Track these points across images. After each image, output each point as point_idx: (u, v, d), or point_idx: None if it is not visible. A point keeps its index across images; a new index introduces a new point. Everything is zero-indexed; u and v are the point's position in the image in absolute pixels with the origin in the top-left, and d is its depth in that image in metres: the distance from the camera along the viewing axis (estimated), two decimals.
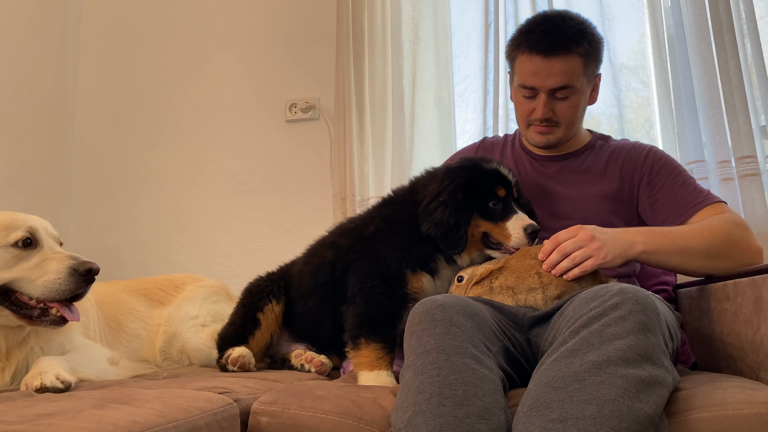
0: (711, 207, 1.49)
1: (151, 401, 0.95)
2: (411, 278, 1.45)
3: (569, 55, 1.51)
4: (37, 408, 0.88)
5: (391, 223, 1.51)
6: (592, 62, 1.58)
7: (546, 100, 1.55)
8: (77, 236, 2.82)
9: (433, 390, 0.97)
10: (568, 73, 1.52)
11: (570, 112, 1.58)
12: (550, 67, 1.52)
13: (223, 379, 1.35)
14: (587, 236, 1.31)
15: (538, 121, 1.59)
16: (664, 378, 0.92)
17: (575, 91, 1.55)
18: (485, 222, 1.46)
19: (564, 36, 1.51)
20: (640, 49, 2.35)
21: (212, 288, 1.91)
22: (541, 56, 1.52)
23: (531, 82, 1.55)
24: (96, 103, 2.90)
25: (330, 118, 2.61)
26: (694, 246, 1.36)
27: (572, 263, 1.29)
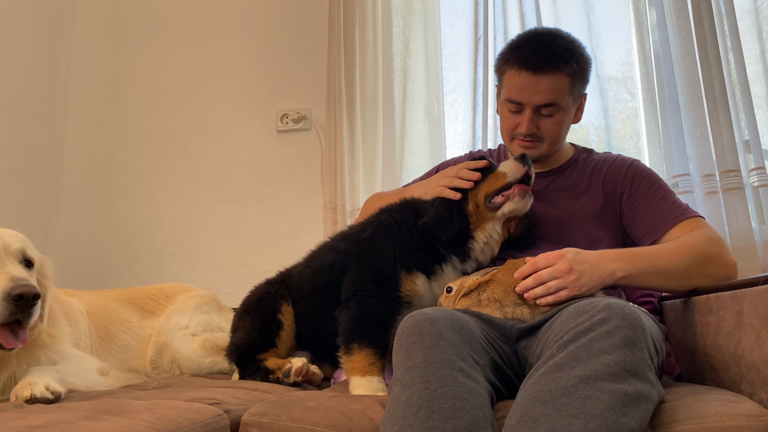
0: (689, 221, 1.52)
1: (142, 413, 0.96)
2: (405, 280, 1.46)
3: (557, 73, 1.54)
4: (28, 419, 0.88)
5: (389, 226, 1.54)
6: (579, 82, 1.61)
7: (531, 116, 1.58)
8: (67, 245, 2.82)
9: (421, 403, 0.98)
10: (555, 91, 1.55)
11: (554, 128, 1.61)
12: (537, 83, 1.54)
13: (213, 389, 1.36)
14: (565, 268, 1.31)
15: (522, 135, 1.62)
16: (650, 393, 0.94)
17: (560, 109, 1.58)
18: (477, 188, 1.53)
19: (553, 54, 1.54)
20: (629, 62, 2.40)
21: (203, 298, 1.91)
22: (530, 72, 1.54)
23: (518, 97, 1.58)
24: (87, 112, 2.90)
25: (321, 128, 2.63)
26: (672, 267, 1.39)
27: (546, 291, 1.31)
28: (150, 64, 2.87)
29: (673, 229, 1.51)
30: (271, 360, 1.58)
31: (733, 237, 2.03)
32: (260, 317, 1.63)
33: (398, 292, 1.46)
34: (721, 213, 2.07)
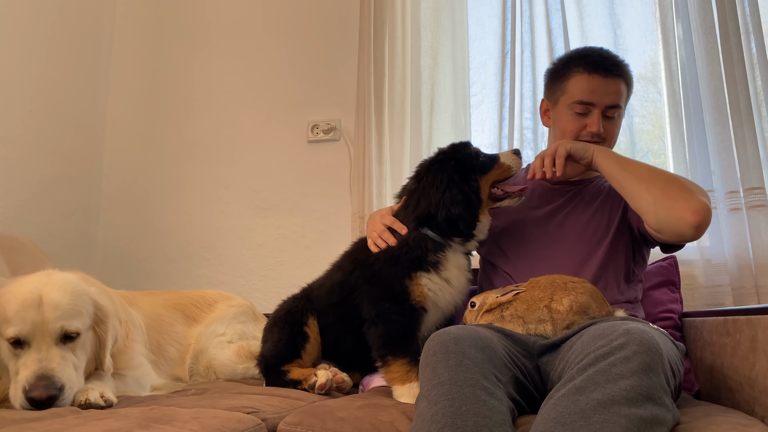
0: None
1: (189, 422, 1.04)
2: (411, 287, 1.55)
3: (620, 79, 1.70)
4: (89, 426, 0.97)
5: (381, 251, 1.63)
6: (629, 93, 1.75)
7: (598, 116, 1.69)
8: (105, 248, 2.94)
9: (446, 420, 1.04)
10: (620, 94, 1.70)
11: (615, 131, 1.74)
12: (607, 85, 1.68)
13: (250, 396, 1.44)
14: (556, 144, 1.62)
15: (590, 135, 1.70)
16: (665, 417, 1.00)
17: (621, 112, 1.73)
18: (488, 174, 1.65)
19: (616, 61, 1.71)
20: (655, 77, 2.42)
21: (241, 308, 2.00)
22: (601, 74, 1.68)
23: (589, 98, 1.69)
24: (125, 121, 3.02)
25: (350, 139, 2.70)
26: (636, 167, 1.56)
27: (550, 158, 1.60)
28: (185, 75, 2.98)
29: None
30: (294, 371, 1.66)
31: (756, 254, 2.05)
32: (288, 329, 1.71)
33: (410, 301, 1.55)
34: (744, 230, 2.09)
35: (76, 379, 1.28)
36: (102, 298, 1.43)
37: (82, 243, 2.87)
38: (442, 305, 1.61)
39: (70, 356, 1.29)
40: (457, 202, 1.57)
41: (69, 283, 1.37)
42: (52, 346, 1.27)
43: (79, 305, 1.34)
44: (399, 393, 1.47)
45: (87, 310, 1.37)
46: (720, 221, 2.13)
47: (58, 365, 1.25)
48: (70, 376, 1.26)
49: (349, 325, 1.67)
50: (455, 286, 1.61)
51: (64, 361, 1.27)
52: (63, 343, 1.30)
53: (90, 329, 1.38)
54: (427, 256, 1.57)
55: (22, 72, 2.56)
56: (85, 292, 1.39)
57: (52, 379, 1.22)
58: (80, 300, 1.35)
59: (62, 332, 1.30)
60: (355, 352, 1.70)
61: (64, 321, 1.30)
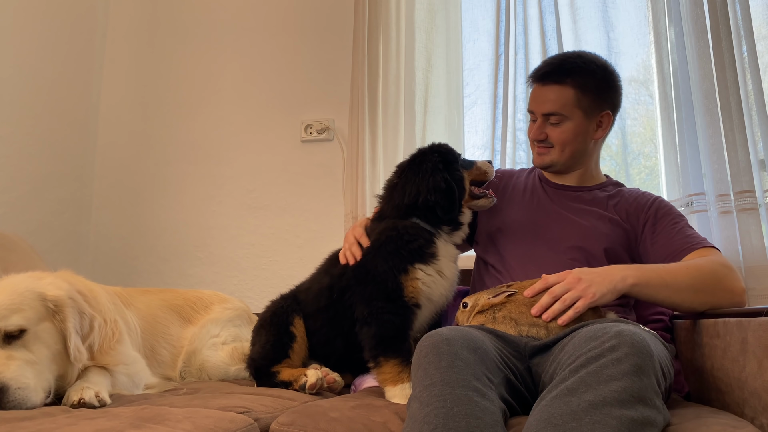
0: (703, 250, 1.59)
1: (181, 421, 1.04)
2: (406, 282, 1.56)
3: (561, 85, 1.69)
4: (81, 426, 0.97)
5: (370, 246, 1.64)
6: (588, 97, 1.70)
7: (540, 124, 1.74)
8: (97, 246, 2.93)
9: (437, 421, 1.05)
10: (558, 102, 1.69)
11: (561, 137, 1.73)
12: (543, 94, 1.72)
13: (242, 396, 1.44)
14: (575, 279, 1.39)
15: (535, 141, 1.77)
16: (655, 418, 1.00)
17: (565, 119, 1.71)
18: (469, 171, 1.72)
19: (559, 69, 1.71)
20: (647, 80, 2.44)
21: (237, 311, 1.99)
22: (538, 84, 1.74)
23: (531, 107, 1.77)
24: (118, 120, 3.01)
25: (344, 139, 2.71)
26: (680, 281, 1.46)
27: (564, 306, 1.37)
28: (179, 74, 2.97)
29: (689, 255, 1.58)
30: (285, 372, 1.66)
31: (746, 257, 2.07)
32: (274, 330, 1.71)
33: (404, 298, 1.55)
34: (734, 232, 2.10)
35: (32, 377, 1.25)
36: (52, 289, 1.39)
37: (74, 241, 2.86)
38: (435, 298, 1.62)
39: (21, 353, 1.26)
40: (439, 189, 1.61)
41: (10, 284, 1.36)
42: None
43: (17, 302, 1.31)
44: (391, 394, 1.47)
45: (30, 305, 1.33)
46: (711, 224, 2.15)
47: (1, 365, 1.22)
48: (20, 375, 1.23)
49: (339, 327, 1.67)
50: (447, 277, 1.63)
51: (9, 360, 1.24)
52: (8, 343, 1.27)
53: (44, 322, 1.34)
54: (424, 246, 1.59)
55: (14, 69, 2.54)
56: (27, 288, 1.36)
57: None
58: (19, 297, 1.32)
59: (1, 333, 1.27)
60: (346, 354, 1.70)
61: (4, 323, 1.27)
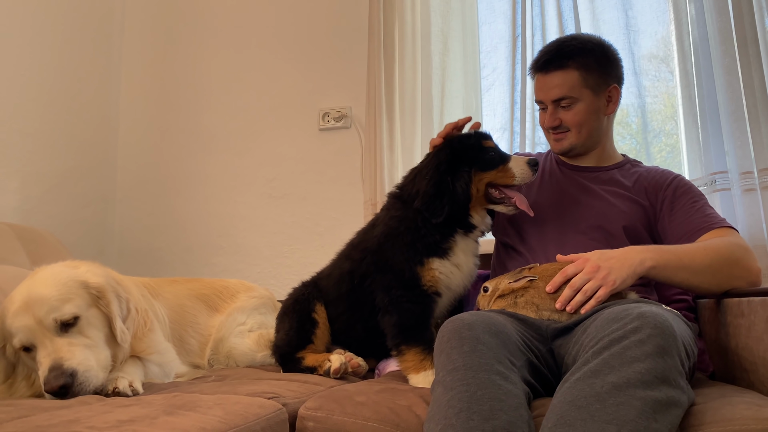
0: (720, 230, 1.58)
1: (212, 408, 1.07)
2: (422, 273, 1.56)
3: (565, 69, 1.70)
4: (116, 414, 1.00)
5: (390, 233, 1.63)
6: (593, 75, 1.71)
7: (552, 111, 1.74)
8: (122, 238, 2.99)
9: (462, 405, 1.06)
10: (565, 86, 1.70)
11: (575, 118, 1.73)
12: (548, 82, 1.72)
13: (269, 382, 1.47)
14: (593, 267, 1.38)
15: (550, 129, 1.77)
16: (680, 399, 1.01)
17: (576, 100, 1.71)
18: (486, 173, 1.59)
19: (559, 54, 1.71)
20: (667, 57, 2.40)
21: (262, 299, 2.03)
22: (541, 74, 1.74)
23: (538, 97, 1.77)
24: (138, 113, 3.05)
25: (361, 126, 2.71)
26: (698, 262, 1.45)
27: (585, 297, 1.37)
28: (197, 66, 3.00)
29: (706, 234, 1.57)
30: (309, 357, 1.70)
31: None
32: (297, 317, 1.74)
33: (422, 287, 1.56)
34: (759, 210, 2.08)
35: (94, 359, 1.30)
36: (91, 276, 1.42)
37: (99, 233, 2.92)
38: (454, 287, 1.63)
39: (79, 339, 1.31)
40: (426, 194, 1.57)
41: (51, 275, 1.39)
42: (54, 338, 1.29)
43: (65, 293, 1.35)
44: (414, 381, 1.49)
45: (77, 293, 1.37)
46: (734, 202, 2.12)
47: (67, 352, 1.27)
48: (84, 359, 1.27)
49: (361, 312, 1.69)
50: (465, 270, 1.63)
51: (72, 347, 1.28)
52: (65, 331, 1.31)
53: (92, 308, 1.38)
54: (440, 241, 1.58)
55: (36, 67, 2.59)
56: (70, 278, 1.39)
57: (62, 367, 1.24)
58: (65, 287, 1.36)
59: (57, 323, 1.31)
60: (368, 339, 1.72)
61: (55, 313, 1.31)
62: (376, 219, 1.77)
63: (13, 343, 1.32)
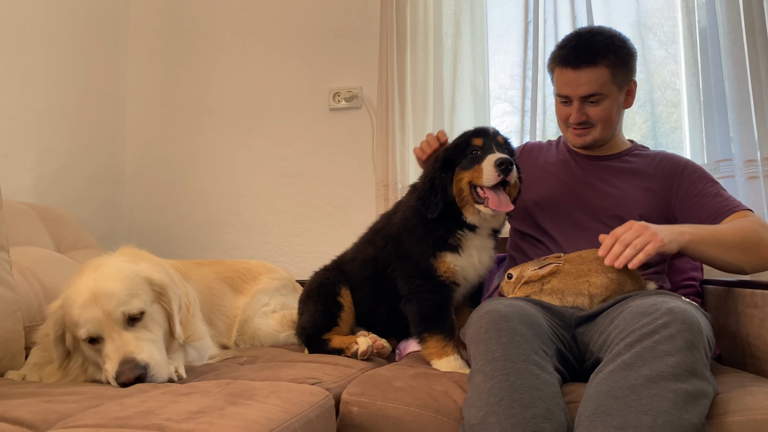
0: (740, 213, 1.67)
1: (269, 396, 1.14)
2: (437, 265, 1.61)
3: (596, 66, 1.71)
4: (183, 403, 1.06)
5: (407, 223, 1.69)
6: (621, 72, 1.75)
7: (579, 106, 1.75)
8: (132, 215, 3.01)
9: (503, 393, 1.14)
10: (596, 83, 1.72)
11: (602, 114, 1.76)
12: (578, 78, 1.72)
13: (304, 365, 1.53)
14: (642, 226, 1.47)
15: (574, 124, 1.79)
16: (707, 389, 1.10)
17: (605, 97, 1.74)
18: (465, 172, 1.58)
19: (590, 50, 1.71)
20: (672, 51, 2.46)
21: (283, 281, 2.09)
22: (571, 69, 1.73)
23: (564, 92, 1.77)
24: (147, 90, 3.03)
25: (372, 107, 2.74)
26: (729, 239, 1.55)
27: (635, 250, 1.43)
28: (207, 44, 2.98)
29: (729, 217, 1.66)
30: (335, 339, 1.76)
31: None
32: (322, 301, 1.80)
33: (439, 278, 1.61)
34: (761, 198, 2.17)
35: (159, 354, 1.35)
36: (154, 273, 1.48)
37: (110, 211, 2.94)
38: (470, 278, 1.68)
39: (144, 334, 1.36)
40: (423, 189, 1.62)
41: (118, 270, 1.43)
42: (122, 332, 1.34)
43: (133, 288, 1.40)
44: (437, 366, 1.57)
45: (143, 289, 1.42)
46: (737, 189, 2.21)
47: (135, 347, 1.32)
48: (152, 353, 1.33)
49: (383, 296, 1.76)
50: (478, 266, 1.66)
51: (139, 341, 1.33)
52: (132, 326, 1.36)
53: (154, 303, 1.43)
54: (447, 237, 1.62)
55: (45, 44, 2.56)
56: (135, 274, 1.44)
57: (135, 360, 1.29)
58: (132, 282, 1.41)
59: (125, 317, 1.35)
60: (390, 321, 1.80)
61: (123, 306, 1.35)
62: (398, 205, 1.82)
63: (78, 333, 1.36)
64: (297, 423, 1.08)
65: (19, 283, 1.64)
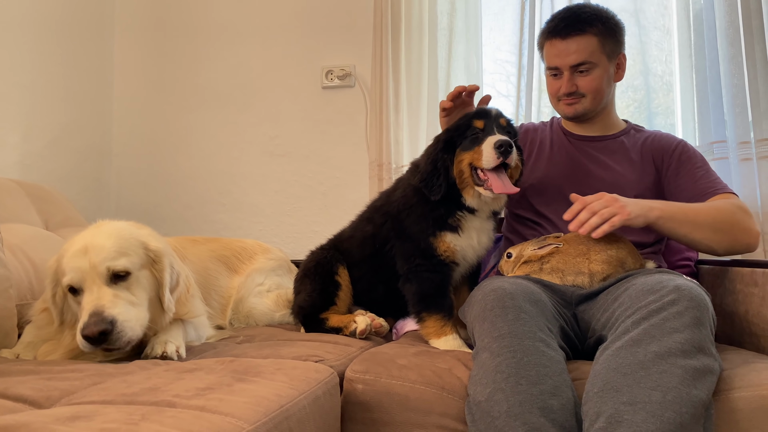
0: (723, 195, 1.69)
1: (275, 373, 1.12)
2: (436, 244, 1.60)
3: (584, 35, 1.73)
4: (188, 380, 1.04)
5: (407, 202, 1.67)
6: (609, 41, 1.77)
7: (569, 76, 1.77)
8: (119, 193, 2.96)
9: (510, 370, 1.14)
10: (585, 51, 1.74)
11: (593, 84, 1.77)
12: (568, 47, 1.74)
13: (304, 344, 1.52)
14: (611, 198, 1.50)
15: (565, 95, 1.79)
16: (714, 366, 1.11)
17: (594, 66, 1.75)
18: (465, 153, 1.56)
19: (578, 19, 1.75)
20: None
21: (279, 261, 2.07)
22: (560, 39, 1.76)
23: (554, 63, 1.78)
24: (134, 66, 2.97)
25: (365, 86, 2.71)
26: (701, 219, 1.56)
27: (601, 219, 1.46)
28: (196, 17, 2.92)
29: (710, 199, 1.67)
30: (333, 318, 1.75)
31: (764, 202, 2.16)
32: (319, 280, 1.78)
33: (439, 257, 1.60)
34: (754, 179, 2.18)
35: (135, 314, 1.31)
36: (152, 241, 1.45)
37: (97, 188, 2.88)
38: (469, 258, 1.67)
39: (124, 294, 1.32)
40: (425, 171, 1.60)
41: (116, 229, 1.41)
42: (102, 286, 1.31)
43: (125, 246, 1.37)
44: (436, 345, 1.56)
45: (135, 251, 1.38)
46: (731, 171, 2.22)
47: (108, 302, 1.28)
48: (124, 312, 1.29)
49: (381, 275, 1.74)
50: (477, 247, 1.65)
51: (116, 298, 1.30)
52: (114, 283, 1.33)
53: (144, 269, 1.40)
54: (447, 217, 1.61)
55: (31, 19, 2.49)
56: (132, 235, 1.41)
57: (102, 314, 1.25)
58: (125, 242, 1.38)
59: (110, 272, 1.32)
60: (387, 299, 1.79)
61: (110, 262, 1.32)
62: (399, 182, 1.80)
63: (63, 281, 1.34)
64: (305, 400, 1.06)
65: (9, 260, 1.60)
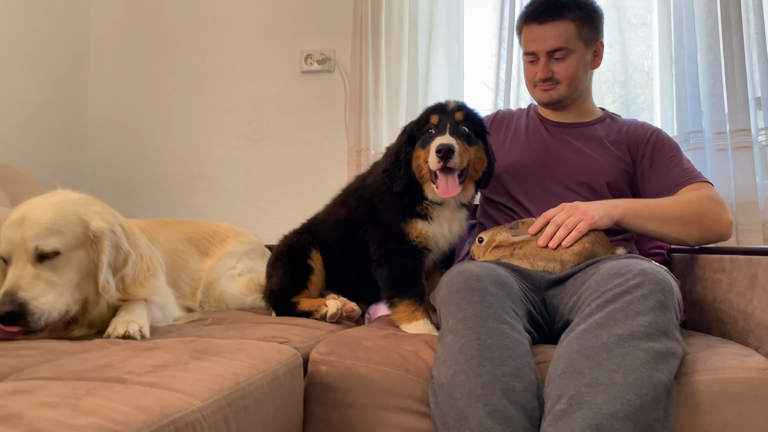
0: (696, 184, 1.69)
1: (235, 353, 1.10)
2: (408, 229, 1.58)
3: (561, 20, 1.73)
4: (145, 358, 1.02)
5: (380, 187, 1.65)
6: (587, 28, 1.76)
7: (545, 62, 1.76)
8: (94, 176, 2.91)
9: (473, 352, 1.13)
10: (562, 36, 1.73)
11: (568, 70, 1.77)
12: (545, 32, 1.74)
13: (272, 326, 1.50)
14: (572, 206, 1.53)
15: (541, 81, 1.79)
16: (676, 349, 1.10)
17: (571, 52, 1.75)
18: (421, 150, 1.54)
19: (556, 4, 1.74)
20: None
21: (252, 245, 2.04)
22: (537, 24, 1.75)
23: (531, 48, 1.78)
24: (109, 47, 2.92)
25: (345, 71, 2.68)
26: (668, 213, 1.57)
27: (567, 230, 1.48)
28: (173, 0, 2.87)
29: (683, 189, 1.67)
30: (304, 302, 1.73)
31: (738, 193, 2.18)
32: (292, 264, 1.76)
33: (411, 242, 1.59)
34: (728, 169, 2.20)
35: (52, 297, 1.26)
36: (98, 219, 1.37)
37: (71, 171, 2.84)
38: (441, 245, 1.65)
39: (47, 274, 1.27)
40: (389, 162, 1.59)
41: (60, 202, 1.34)
42: (27, 264, 1.26)
43: (60, 224, 1.30)
44: (406, 330, 1.54)
45: (71, 230, 1.32)
46: (706, 161, 2.23)
47: (27, 283, 1.24)
48: (41, 294, 1.24)
49: (355, 259, 1.72)
50: (448, 235, 1.63)
51: (36, 279, 1.25)
52: (40, 262, 1.27)
53: (79, 249, 1.33)
54: (413, 204, 1.59)
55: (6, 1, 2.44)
56: (74, 212, 1.34)
57: (15, 295, 1.21)
58: (64, 219, 1.31)
59: (37, 251, 1.27)
60: (360, 284, 1.77)
61: (39, 240, 1.27)
62: (375, 166, 1.77)
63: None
64: (264, 379, 1.05)
65: None
